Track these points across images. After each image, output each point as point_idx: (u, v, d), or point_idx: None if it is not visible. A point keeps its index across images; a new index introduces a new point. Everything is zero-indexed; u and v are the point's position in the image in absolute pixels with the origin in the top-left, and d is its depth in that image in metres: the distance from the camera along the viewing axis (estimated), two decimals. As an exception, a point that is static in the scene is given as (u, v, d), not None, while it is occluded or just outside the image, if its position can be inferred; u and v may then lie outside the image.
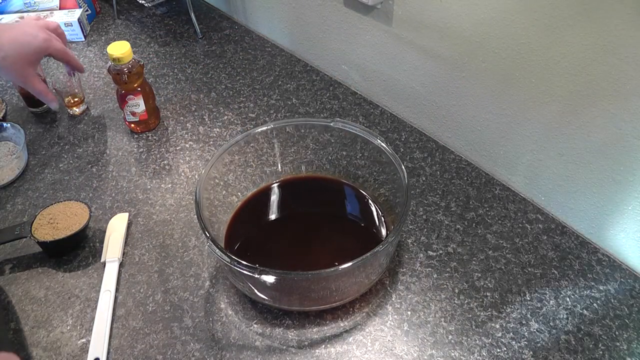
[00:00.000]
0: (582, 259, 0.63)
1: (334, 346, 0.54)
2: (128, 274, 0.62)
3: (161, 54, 1.00)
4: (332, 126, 0.65)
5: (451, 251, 0.64)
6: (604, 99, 0.55)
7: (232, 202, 0.66)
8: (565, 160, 0.64)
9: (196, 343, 0.55)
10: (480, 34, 0.64)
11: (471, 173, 0.74)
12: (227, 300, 0.59)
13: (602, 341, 0.55)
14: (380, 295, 0.59)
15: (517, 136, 0.68)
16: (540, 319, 0.57)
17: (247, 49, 1.02)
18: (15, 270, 0.63)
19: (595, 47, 0.53)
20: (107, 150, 0.80)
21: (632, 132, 0.55)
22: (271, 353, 0.54)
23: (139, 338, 0.55)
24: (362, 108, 0.86)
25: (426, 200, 0.70)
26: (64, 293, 0.60)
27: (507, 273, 0.61)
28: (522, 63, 0.61)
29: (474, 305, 0.58)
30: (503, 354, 0.54)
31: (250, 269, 0.49)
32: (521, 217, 0.68)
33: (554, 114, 0.61)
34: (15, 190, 0.73)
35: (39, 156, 0.79)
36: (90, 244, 0.65)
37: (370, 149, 0.64)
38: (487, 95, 0.68)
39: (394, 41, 0.77)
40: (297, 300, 0.57)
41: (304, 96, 0.89)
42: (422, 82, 0.77)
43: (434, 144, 0.79)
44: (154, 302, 0.59)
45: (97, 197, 0.72)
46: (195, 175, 0.75)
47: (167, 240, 0.66)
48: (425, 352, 0.54)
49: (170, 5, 1.16)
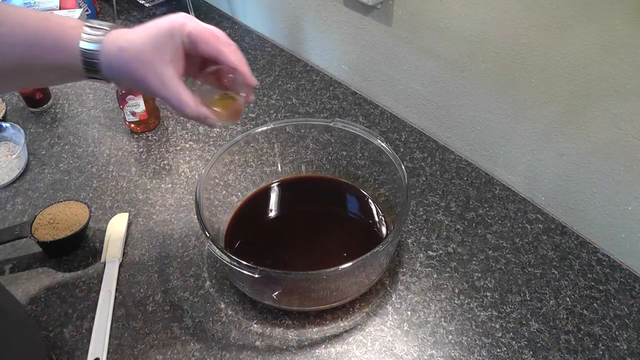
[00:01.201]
0: (582, 259, 0.63)
1: (334, 346, 0.54)
2: (128, 274, 0.62)
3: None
4: (332, 126, 0.65)
5: (451, 251, 0.64)
6: (604, 99, 0.55)
7: (232, 202, 0.66)
8: (565, 160, 0.64)
9: (196, 343, 0.55)
10: (480, 34, 0.64)
11: (471, 173, 0.74)
12: (227, 300, 0.59)
13: (602, 341, 0.55)
14: (380, 295, 0.59)
15: (517, 136, 0.68)
16: (540, 319, 0.57)
17: (247, 49, 1.02)
18: (15, 270, 0.63)
19: (595, 47, 0.53)
20: (107, 150, 0.80)
21: (632, 132, 0.55)
22: (271, 353, 0.54)
23: (139, 338, 0.55)
24: (362, 108, 0.86)
25: (426, 200, 0.70)
26: (64, 293, 0.60)
27: (507, 273, 0.61)
28: (522, 63, 0.61)
29: (474, 305, 0.58)
30: (503, 354, 0.54)
31: (250, 269, 0.49)
32: (521, 217, 0.68)
33: (554, 114, 0.61)
34: (15, 190, 0.73)
35: (39, 156, 0.79)
36: (90, 244, 0.65)
37: (370, 149, 0.64)
38: (487, 95, 0.68)
39: (394, 41, 0.77)
40: (297, 300, 0.57)
41: (304, 96, 0.89)
42: (422, 82, 0.77)
43: (434, 144, 0.79)
44: (154, 302, 0.59)
45: (97, 197, 0.72)
46: (195, 175, 0.75)
47: (167, 240, 0.66)
48: (425, 352, 0.54)
49: (170, 5, 1.16)
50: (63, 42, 0.42)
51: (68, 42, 0.42)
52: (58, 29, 0.42)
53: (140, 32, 0.43)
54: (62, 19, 0.43)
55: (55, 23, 0.42)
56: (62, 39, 0.42)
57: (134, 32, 0.43)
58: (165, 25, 0.44)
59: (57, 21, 0.42)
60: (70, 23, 0.42)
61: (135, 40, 0.43)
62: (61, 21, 0.42)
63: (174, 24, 0.44)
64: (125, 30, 0.44)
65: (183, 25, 0.44)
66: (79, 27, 0.42)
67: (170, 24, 0.44)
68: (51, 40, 0.42)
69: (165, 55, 0.43)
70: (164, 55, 0.43)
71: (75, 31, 0.42)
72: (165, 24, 0.44)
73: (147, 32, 0.43)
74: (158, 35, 0.43)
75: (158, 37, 0.43)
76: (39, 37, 0.41)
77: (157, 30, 0.43)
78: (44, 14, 0.42)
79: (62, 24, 0.42)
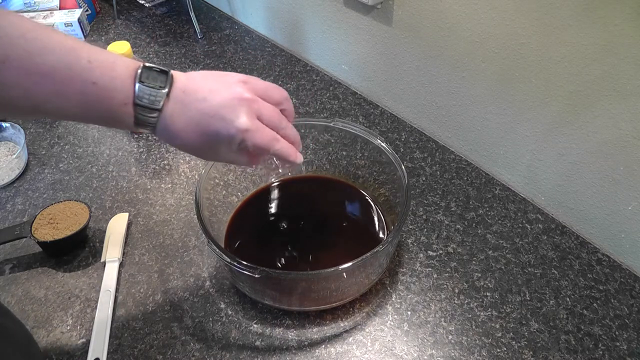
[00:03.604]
0: (582, 259, 0.63)
1: (334, 346, 0.54)
2: (128, 274, 0.62)
3: (161, 54, 1.00)
4: (332, 126, 0.65)
5: (451, 251, 0.64)
6: (604, 99, 0.55)
7: (232, 202, 0.66)
8: (565, 160, 0.64)
9: (196, 343, 0.55)
10: (480, 34, 0.64)
11: (471, 173, 0.74)
12: (227, 300, 0.59)
13: (602, 341, 0.55)
14: (380, 295, 0.59)
15: (517, 136, 0.68)
16: (540, 319, 0.57)
17: (247, 49, 1.02)
18: (15, 270, 0.63)
19: (595, 47, 0.53)
20: (107, 150, 0.80)
21: (632, 132, 0.55)
22: (271, 353, 0.54)
23: (139, 338, 0.55)
24: (362, 108, 0.86)
25: (426, 200, 0.70)
26: (64, 293, 0.60)
27: (507, 273, 0.61)
28: (522, 63, 0.61)
29: (474, 305, 0.58)
30: (503, 354, 0.54)
31: (250, 269, 0.49)
32: (521, 217, 0.68)
33: (554, 114, 0.61)
34: (15, 190, 0.73)
35: (39, 156, 0.79)
36: (90, 244, 0.65)
37: (370, 149, 0.64)
38: (487, 95, 0.68)
39: (394, 41, 0.77)
40: (297, 300, 0.57)
41: (304, 96, 0.89)
42: (422, 82, 0.77)
43: (434, 144, 0.79)
44: (154, 302, 0.59)
45: (97, 197, 0.72)
46: (195, 175, 0.75)
47: (167, 240, 0.66)
48: (425, 352, 0.54)
49: (170, 5, 1.16)
50: (116, 119, 0.40)
51: (122, 120, 0.40)
52: (106, 104, 0.38)
53: (196, 129, 0.41)
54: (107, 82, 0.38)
55: (103, 95, 0.38)
56: (114, 117, 0.39)
57: (188, 126, 0.41)
58: (223, 136, 0.41)
59: (104, 89, 0.38)
60: (120, 97, 0.38)
61: (189, 141, 0.41)
62: (107, 91, 0.38)
63: (234, 140, 0.41)
64: (179, 116, 0.40)
65: (245, 142, 0.42)
66: (129, 104, 0.39)
67: (229, 136, 0.41)
68: (101, 112, 0.39)
69: (220, 153, 0.43)
70: (219, 153, 0.43)
71: (127, 110, 0.39)
72: (223, 134, 0.41)
73: (202, 134, 0.41)
74: (215, 143, 0.42)
75: (215, 145, 0.42)
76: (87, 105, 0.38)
77: (215, 137, 0.41)
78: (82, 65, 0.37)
79: (109, 99, 0.38)
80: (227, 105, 0.41)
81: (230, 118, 0.41)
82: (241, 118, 0.41)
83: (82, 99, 0.38)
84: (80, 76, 0.37)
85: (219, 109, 0.41)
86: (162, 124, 0.41)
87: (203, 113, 0.40)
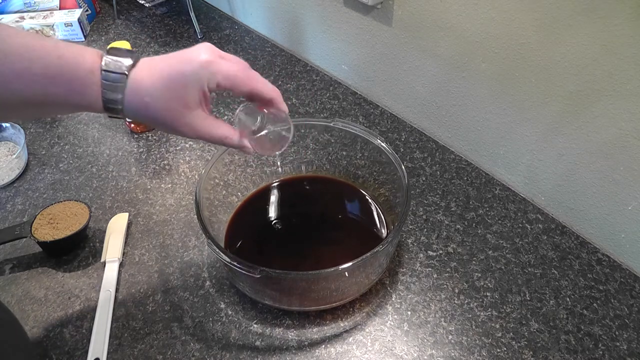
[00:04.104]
0: (582, 259, 0.63)
1: (334, 346, 0.54)
2: (128, 274, 0.62)
3: (161, 54, 1.00)
4: (332, 126, 0.65)
5: (451, 251, 0.64)
6: (604, 99, 0.55)
7: (232, 202, 0.66)
8: (565, 160, 0.64)
9: (196, 343, 0.55)
10: (480, 34, 0.64)
11: (471, 173, 0.74)
12: (227, 300, 0.59)
13: (602, 341, 0.55)
14: (380, 295, 0.59)
15: (517, 136, 0.68)
16: (540, 319, 0.57)
17: (247, 49, 1.02)
18: (15, 270, 0.63)
19: (595, 47, 0.53)
20: (107, 150, 0.80)
21: (632, 132, 0.55)
22: (271, 353, 0.54)
23: (139, 338, 0.55)
24: (362, 108, 0.86)
25: (426, 200, 0.70)
26: (64, 293, 0.60)
27: (507, 273, 0.61)
28: (522, 63, 0.61)
29: (474, 305, 0.58)
30: (503, 354, 0.54)
31: (250, 269, 0.49)
32: (521, 217, 0.68)
33: (554, 114, 0.61)
34: (15, 190, 0.73)
35: (39, 156, 0.79)
36: (90, 244, 0.65)
37: (370, 149, 0.64)
38: (487, 95, 0.68)
39: (394, 41, 0.77)
40: (297, 300, 0.57)
41: (304, 96, 0.89)
42: (422, 82, 0.77)
43: (434, 144, 0.79)
44: (154, 302, 0.59)
45: (97, 197, 0.72)
46: (195, 175, 0.75)
47: (167, 240, 0.66)
48: (425, 352, 0.54)
49: (170, 5, 1.16)
50: (84, 91, 0.39)
51: (89, 91, 0.39)
52: (73, 73, 0.38)
53: (164, 78, 0.41)
54: (76, 55, 0.38)
55: (70, 63, 0.38)
56: (81, 87, 0.39)
57: (157, 79, 0.41)
58: (189, 73, 0.41)
59: (71, 60, 0.38)
60: (86, 66, 0.38)
61: (159, 96, 0.41)
62: (75, 61, 0.38)
63: (200, 74, 0.41)
64: (147, 74, 0.41)
65: (213, 75, 0.42)
66: (96, 70, 0.39)
67: (194, 73, 0.41)
68: (68, 86, 0.38)
69: (191, 102, 0.42)
70: (191, 103, 0.42)
71: (94, 78, 0.39)
72: (189, 71, 0.41)
73: (171, 80, 0.41)
74: (184, 86, 0.41)
75: (184, 88, 0.41)
76: (55, 79, 0.38)
77: (182, 78, 0.41)
78: (51, 44, 0.38)
79: (76, 66, 0.38)
80: (191, 51, 0.42)
81: (192, 57, 0.42)
82: (203, 54, 0.42)
83: (45, 74, 0.37)
84: (46, 52, 0.37)
85: (183, 55, 0.42)
86: (130, 88, 0.40)
87: (169, 64, 0.42)
